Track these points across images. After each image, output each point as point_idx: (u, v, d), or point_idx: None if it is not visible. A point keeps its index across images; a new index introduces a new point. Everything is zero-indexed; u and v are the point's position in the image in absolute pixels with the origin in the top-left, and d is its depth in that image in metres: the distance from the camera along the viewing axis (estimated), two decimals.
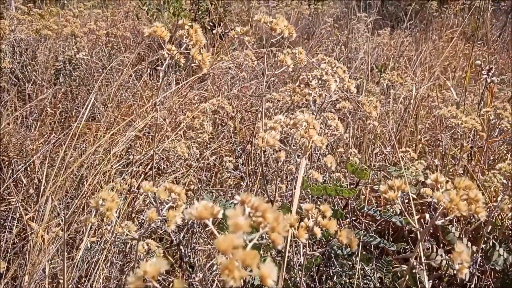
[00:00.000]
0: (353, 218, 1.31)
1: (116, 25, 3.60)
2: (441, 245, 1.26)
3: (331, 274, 1.09)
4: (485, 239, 1.06)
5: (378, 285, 1.10)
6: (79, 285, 1.24)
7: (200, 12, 3.61)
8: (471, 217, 1.28)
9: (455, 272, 1.09)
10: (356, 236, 0.91)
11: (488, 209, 1.11)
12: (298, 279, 0.84)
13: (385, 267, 1.13)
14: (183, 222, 0.91)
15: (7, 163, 1.96)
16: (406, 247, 1.27)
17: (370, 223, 1.40)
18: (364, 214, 1.31)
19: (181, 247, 0.73)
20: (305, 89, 1.06)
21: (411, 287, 1.04)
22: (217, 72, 2.75)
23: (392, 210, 1.20)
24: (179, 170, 1.70)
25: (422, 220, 0.80)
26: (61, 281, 1.23)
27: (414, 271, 0.88)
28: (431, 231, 1.25)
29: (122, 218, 1.30)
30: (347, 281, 1.10)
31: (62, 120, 2.46)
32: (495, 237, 1.06)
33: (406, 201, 1.25)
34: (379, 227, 1.43)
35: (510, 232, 1.10)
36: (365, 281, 1.11)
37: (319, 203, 0.87)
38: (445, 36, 3.85)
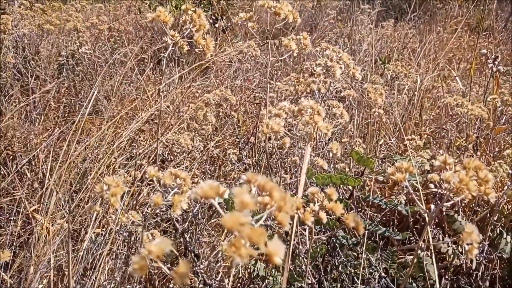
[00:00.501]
0: (358, 209, 1.31)
1: (118, 19, 3.59)
2: (447, 235, 1.25)
3: (336, 264, 1.09)
4: (492, 227, 1.05)
5: (383, 275, 1.10)
6: (84, 278, 1.24)
7: (202, 5, 3.59)
8: (477, 206, 1.28)
9: (461, 261, 1.08)
10: None
11: (495, 198, 1.10)
12: (303, 267, 0.84)
13: (391, 257, 1.12)
14: (188, 210, 0.90)
15: (11, 157, 1.96)
16: (411, 238, 1.27)
17: (375, 214, 1.40)
18: (369, 205, 1.30)
19: (186, 235, 0.73)
20: (309, 78, 1.05)
21: (417, 277, 1.03)
22: (220, 65, 2.75)
23: (398, 200, 1.19)
24: (182, 163, 1.70)
25: (428, 211, 0.80)
26: (66, 273, 1.24)
27: (421, 255, 0.87)
28: (437, 221, 1.24)
29: (126, 209, 1.30)
30: (352, 271, 1.09)
31: (66, 115, 2.46)
32: (502, 225, 1.05)
33: (412, 191, 1.24)
34: (384, 218, 1.43)
35: None
36: (370, 271, 1.10)
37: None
38: (450, 28, 3.81)
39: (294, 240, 0.78)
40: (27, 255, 1.28)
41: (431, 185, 0.64)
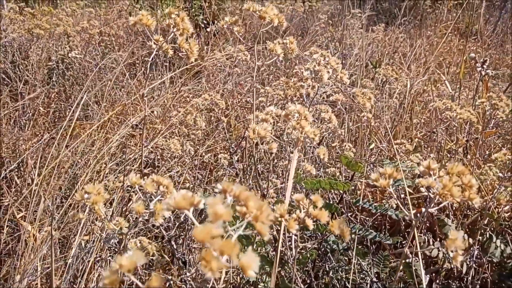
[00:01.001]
0: (349, 213, 1.30)
1: (109, 24, 3.57)
2: (438, 239, 1.25)
3: (327, 269, 1.08)
4: (482, 231, 1.05)
5: (375, 279, 1.09)
6: (74, 285, 1.22)
7: (193, 10, 3.59)
8: (468, 210, 1.27)
9: (452, 265, 1.08)
10: (352, 231, 0.90)
11: (485, 202, 1.10)
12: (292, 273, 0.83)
13: (382, 262, 1.11)
14: (175, 218, 0.89)
15: None
16: (403, 242, 1.26)
17: (367, 218, 1.39)
18: (360, 209, 1.29)
19: (173, 242, 0.72)
20: (298, 82, 1.04)
21: (407, 281, 1.03)
22: (211, 69, 2.74)
23: (388, 204, 1.19)
24: (173, 168, 1.68)
25: (418, 215, 0.79)
26: (54, 281, 1.21)
27: (409, 261, 0.86)
28: (428, 225, 1.24)
29: (115, 216, 1.28)
30: (344, 276, 1.09)
31: (56, 120, 2.44)
32: (492, 229, 1.05)
33: (403, 195, 1.24)
34: (375, 222, 1.42)
35: (507, 223, 1.09)
36: (361, 276, 1.09)
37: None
38: (439, 32, 3.84)
39: (282, 246, 0.77)
40: (14, 263, 1.26)
41: (422, 189, 0.64)
